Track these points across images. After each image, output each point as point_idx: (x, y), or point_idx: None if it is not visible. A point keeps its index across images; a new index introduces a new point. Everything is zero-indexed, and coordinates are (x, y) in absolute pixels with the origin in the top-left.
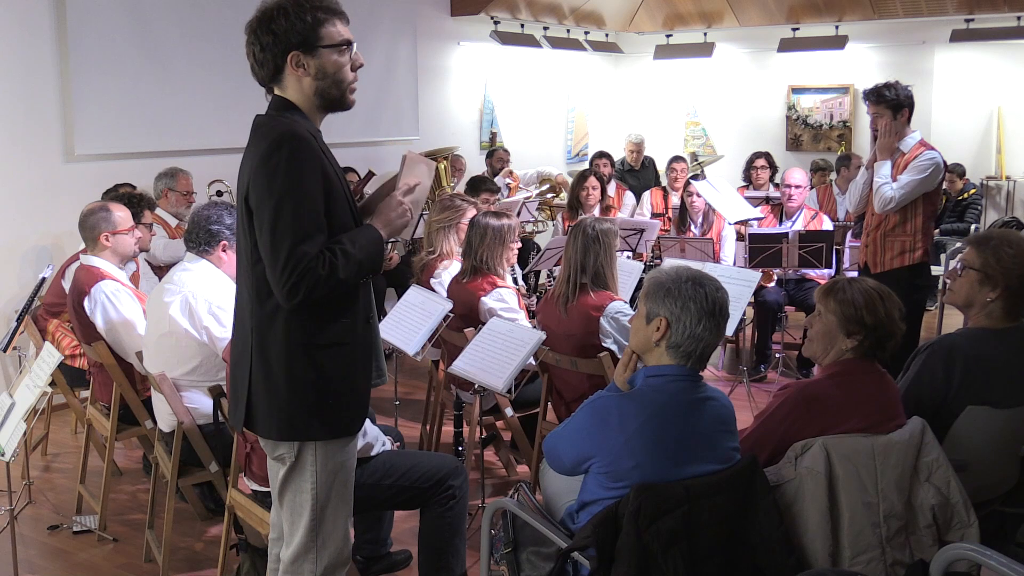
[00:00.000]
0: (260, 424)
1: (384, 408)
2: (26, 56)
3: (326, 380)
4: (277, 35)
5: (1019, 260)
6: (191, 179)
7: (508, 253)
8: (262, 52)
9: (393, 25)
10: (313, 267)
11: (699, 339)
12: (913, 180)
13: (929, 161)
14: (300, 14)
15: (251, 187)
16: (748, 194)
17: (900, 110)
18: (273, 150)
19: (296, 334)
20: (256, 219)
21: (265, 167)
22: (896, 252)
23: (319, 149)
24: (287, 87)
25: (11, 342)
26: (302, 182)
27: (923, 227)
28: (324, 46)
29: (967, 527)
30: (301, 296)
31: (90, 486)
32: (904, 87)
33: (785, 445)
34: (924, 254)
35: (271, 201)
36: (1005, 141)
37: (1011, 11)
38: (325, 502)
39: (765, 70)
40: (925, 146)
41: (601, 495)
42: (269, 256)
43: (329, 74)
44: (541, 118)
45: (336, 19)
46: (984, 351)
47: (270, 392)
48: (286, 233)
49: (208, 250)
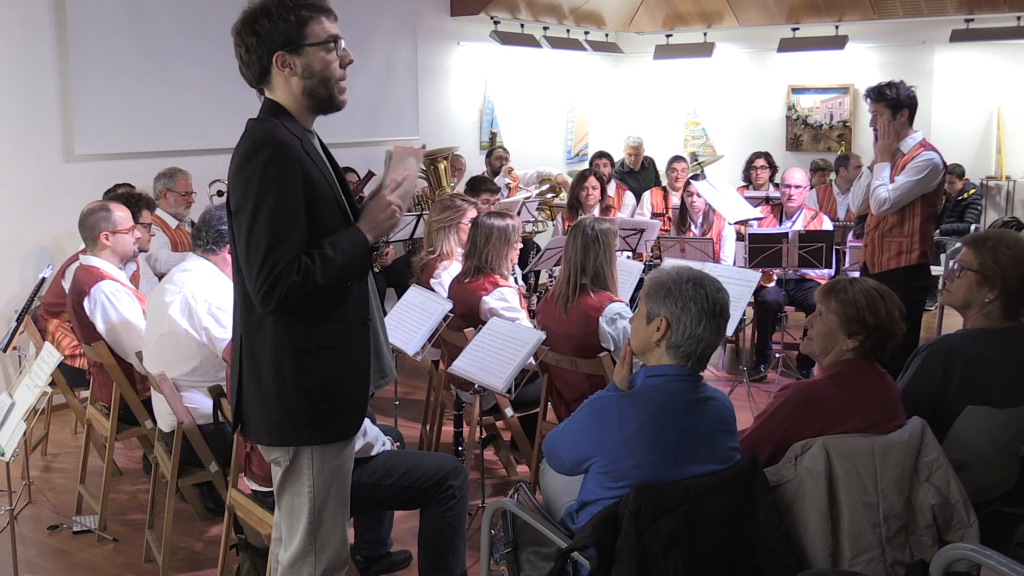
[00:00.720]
0: (252, 429)
1: (384, 408)
2: (26, 56)
3: (317, 385)
4: (261, 36)
5: (1017, 261)
6: (190, 179)
7: (512, 253)
8: (247, 54)
9: (393, 25)
10: (286, 272)
11: (699, 340)
12: (909, 181)
13: (925, 162)
14: (283, 14)
15: (230, 192)
16: (748, 194)
17: (900, 110)
18: (250, 155)
19: (284, 339)
20: (235, 224)
21: (242, 173)
22: (893, 253)
23: (300, 153)
24: (275, 88)
25: (11, 342)
26: (278, 187)
27: (921, 228)
28: (310, 44)
29: (967, 527)
30: (275, 302)
31: (90, 486)
32: (907, 87)
33: (785, 445)
34: (922, 255)
35: (247, 206)
36: (1005, 141)
37: (1011, 11)
38: (323, 505)
39: (765, 70)
40: (925, 147)
41: (601, 495)
42: (245, 261)
43: (316, 72)
44: (541, 118)
45: (322, 16)
46: (983, 352)
47: (260, 398)
48: (260, 238)
49: (215, 249)
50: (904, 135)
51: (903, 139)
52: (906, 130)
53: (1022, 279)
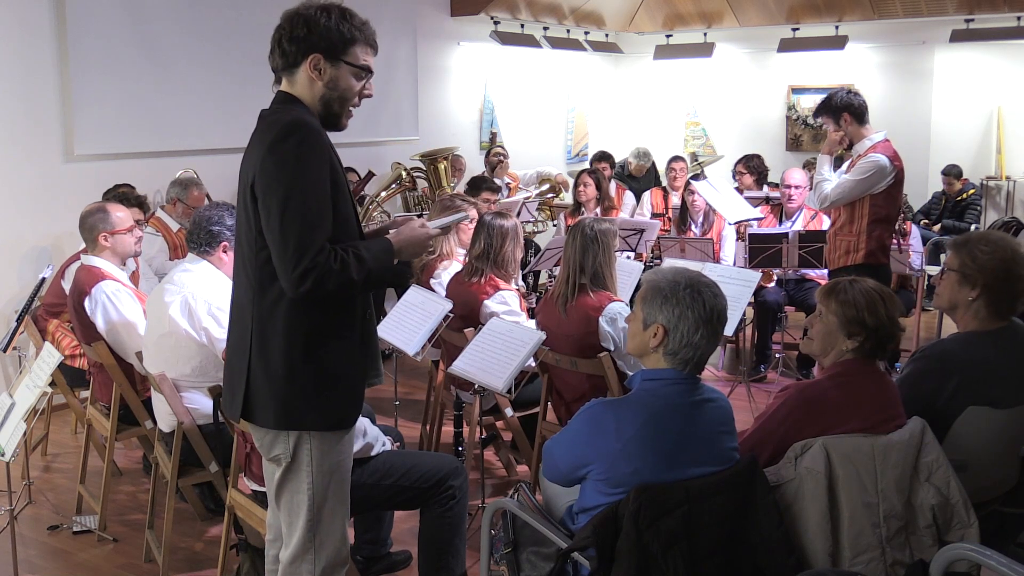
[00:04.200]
0: (258, 413)
1: (384, 408)
2: (26, 56)
3: (324, 371)
4: (311, 31)
5: (995, 256)
6: (204, 194)
7: (520, 251)
8: (290, 43)
9: (393, 25)
10: (325, 259)
11: (696, 347)
12: (851, 180)
13: (871, 164)
14: (341, 24)
15: (259, 174)
16: (749, 194)
17: (839, 114)
18: (283, 137)
19: (296, 324)
20: (262, 207)
21: (274, 155)
22: (842, 251)
23: (328, 139)
24: (296, 83)
25: (11, 342)
26: (311, 170)
27: (867, 228)
28: (347, 62)
29: (967, 527)
30: (310, 284)
31: (90, 486)
32: (843, 93)
33: (785, 446)
34: (868, 255)
35: (280, 189)
36: (1005, 141)
37: (1011, 11)
38: (322, 502)
39: (765, 70)
40: (878, 149)
41: (600, 500)
42: (278, 243)
43: (340, 88)
44: (541, 118)
45: (368, 47)
46: (978, 355)
47: (269, 381)
48: (295, 220)
49: (208, 251)
50: (861, 136)
51: (860, 139)
52: (861, 131)
53: (1000, 274)
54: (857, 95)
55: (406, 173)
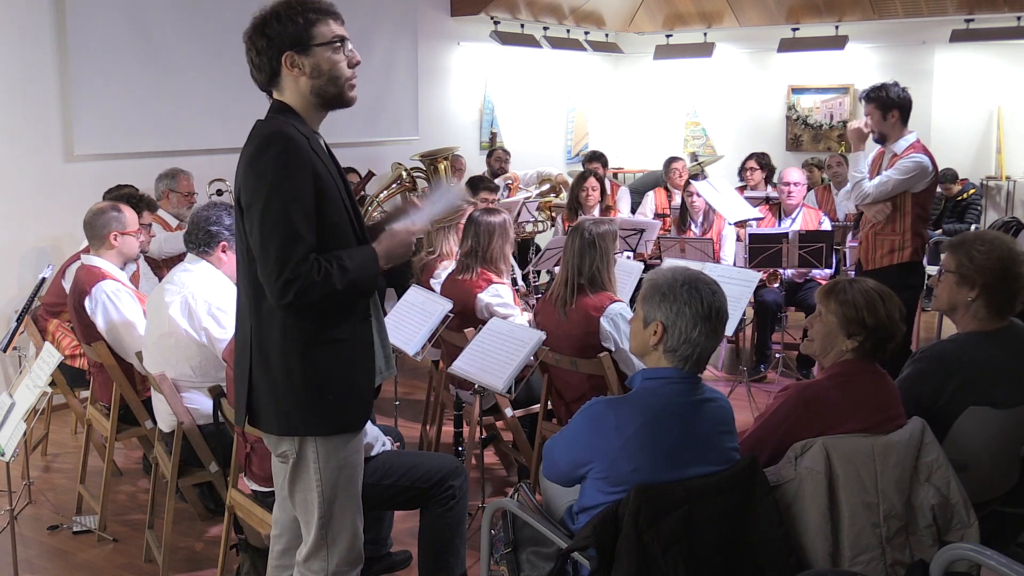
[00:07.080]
0: (262, 419)
1: (384, 408)
2: (26, 56)
3: (324, 377)
4: (271, 38)
5: (992, 256)
6: (192, 180)
7: (510, 247)
8: (258, 56)
9: (393, 25)
10: (306, 270)
11: (695, 344)
12: (893, 179)
13: (914, 164)
14: (292, 16)
15: (242, 188)
16: (748, 194)
17: (890, 110)
18: (262, 150)
19: (293, 332)
20: (247, 219)
21: (253, 168)
22: (886, 250)
23: (309, 149)
24: (284, 89)
25: (11, 342)
26: (291, 181)
27: (912, 226)
28: (317, 44)
29: (967, 527)
30: (291, 296)
31: (90, 486)
32: (899, 88)
33: (785, 446)
34: (914, 253)
35: (259, 202)
36: (1005, 141)
37: (1011, 11)
38: (332, 499)
39: (765, 70)
40: (917, 149)
41: (601, 499)
42: (260, 255)
43: (324, 71)
44: (541, 118)
45: (329, 18)
46: (978, 355)
47: (270, 388)
48: (275, 233)
49: (207, 251)
50: (897, 135)
51: (896, 139)
52: (899, 131)
53: (998, 274)
54: (908, 94)
55: (406, 173)
